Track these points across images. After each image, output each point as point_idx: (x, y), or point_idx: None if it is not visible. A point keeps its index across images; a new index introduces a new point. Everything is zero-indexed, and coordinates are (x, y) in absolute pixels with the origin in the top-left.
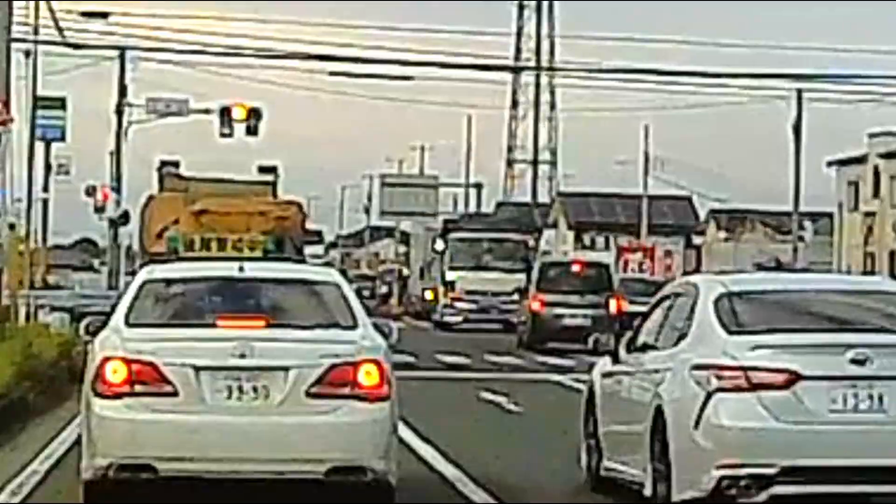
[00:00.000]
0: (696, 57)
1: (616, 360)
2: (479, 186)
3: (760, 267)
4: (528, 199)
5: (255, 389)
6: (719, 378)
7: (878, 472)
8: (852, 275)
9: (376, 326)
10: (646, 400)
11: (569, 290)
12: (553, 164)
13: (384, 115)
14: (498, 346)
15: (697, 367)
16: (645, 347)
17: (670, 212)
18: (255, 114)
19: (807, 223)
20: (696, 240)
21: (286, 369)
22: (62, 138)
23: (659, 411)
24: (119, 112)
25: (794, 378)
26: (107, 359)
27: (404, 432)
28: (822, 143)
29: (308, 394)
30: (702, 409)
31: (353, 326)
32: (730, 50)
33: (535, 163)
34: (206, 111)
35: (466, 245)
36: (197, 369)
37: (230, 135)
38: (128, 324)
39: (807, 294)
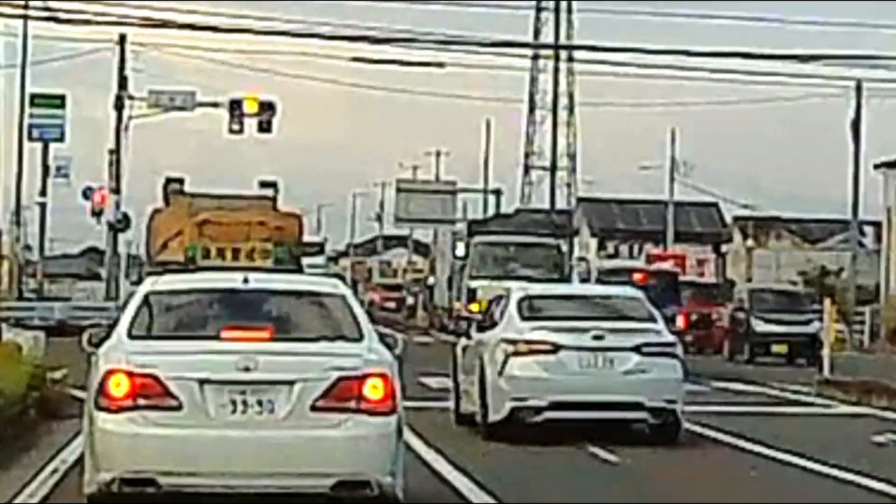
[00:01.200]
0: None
1: (469, 337)
2: (498, 193)
3: (801, 273)
4: (546, 206)
5: (259, 403)
6: (514, 346)
7: (606, 405)
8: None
9: (381, 338)
10: (476, 362)
11: None
12: (572, 170)
13: (397, 120)
14: None
15: (503, 340)
16: (482, 329)
17: (696, 218)
18: (268, 108)
19: (867, 229)
20: (724, 247)
21: (291, 383)
22: (61, 138)
23: (482, 368)
24: (119, 106)
25: (557, 347)
26: (110, 372)
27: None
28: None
29: (313, 407)
30: (503, 365)
31: (359, 339)
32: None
33: (552, 169)
34: (215, 105)
35: (491, 249)
36: (201, 383)
37: (240, 131)
38: (131, 336)
39: (570, 296)
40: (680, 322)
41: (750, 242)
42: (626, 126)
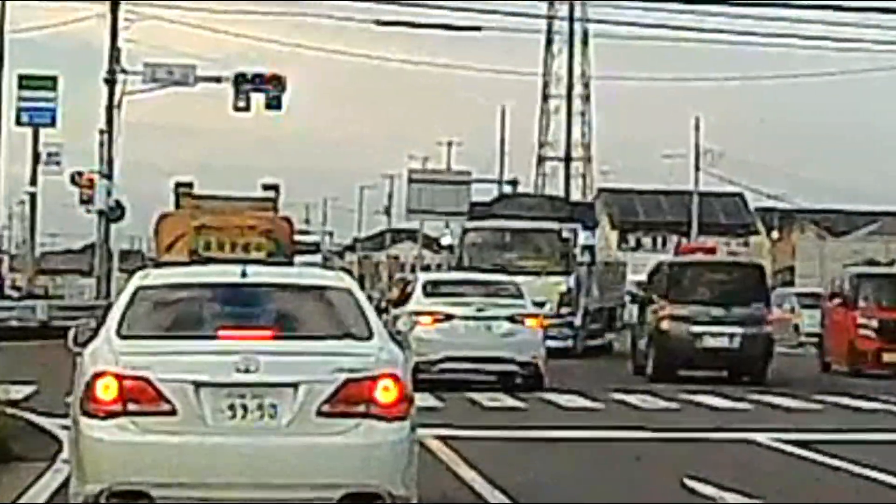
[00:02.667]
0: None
1: (388, 313)
2: (514, 183)
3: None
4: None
5: (260, 408)
6: (418, 317)
7: (486, 359)
8: None
9: (391, 336)
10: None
11: (710, 300)
12: (587, 160)
13: (406, 111)
14: (595, 376)
15: (411, 312)
16: (398, 305)
17: (721, 209)
18: (277, 82)
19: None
20: (752, 239)
21: (295, 385)
22: (52, 123)
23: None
24: (111, 81)
25: (450, 317)
26: (97, 375)
27: None
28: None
29: (319, 412)
30: (410, 330)
31: (369, 337)
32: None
33: (567, 159)
34: (218, 80)
35: (483, 238)
36: (197, 386)
37: (247, 108)
38: (120, 335)
39: (461, 281)
40: (768, 323)
41: (775, 234)
42: (648, 113)
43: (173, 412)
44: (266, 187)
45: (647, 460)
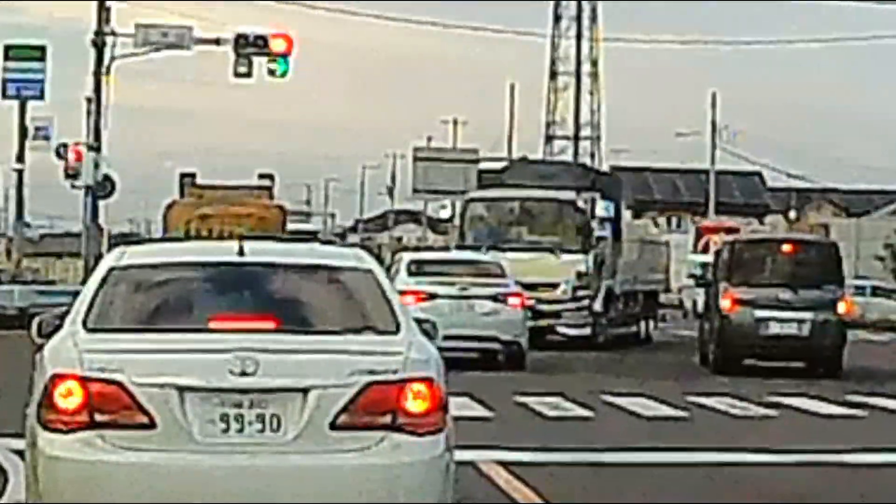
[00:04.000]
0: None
1: None
2: (524, 160)
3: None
4: None
5: (261, 419)
6: (402, 295)
7: (470, 337)
8: None
9: (421, 328)
10: None
11: (777, 282)
12: (596, 139)
13: (409, 89)
14: (645, 368)
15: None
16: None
17: (739, 189)
18: (282, 43)
19: None
20: (768, 219)
21: (304, 391)
22: (41, 96)
23: None
24: (98, 43)
25: (433, 296)
26: (58, 377)
27: None
28: None
29: (334, 425)
30: None
31: (395, 330)
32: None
33: (576, 138)
34: (217, 41)
35: (487, 211)
36: (181, 391)
37: (248, 74)
38: (87, 327)
39: (445, 261)
40: (842, 308)
41: (792, 214)
42: (662, 90)
43: (152, 425)
44: (262, 176)
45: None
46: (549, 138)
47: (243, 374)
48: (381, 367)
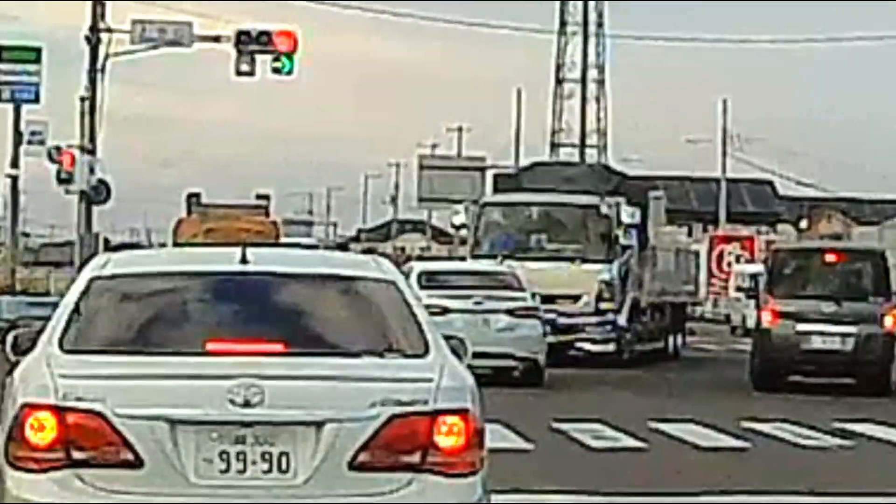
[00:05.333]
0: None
1: None
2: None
3: None
4: None
5: (267, 458)
6: None
7: (484, 355)
8: None
9: (452, 349)
10: None
11: (821, 293)
12: (603, 147)
13: (412, 97)
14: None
15: None
16: None
17: (749, 197)
18: (287, 41)
19: None
20: (778, 228)
21: (318, 424)
22: (36, 99)
23: None
24: (93, 40)
25: (446, 310)
26: (29, 407)
27: None
28: None
29: (353, 465)
30: None
31: (423, 352)
32: None
33: (581, 146)
34: (217, 38)
35: (503, 217)
36: (173, 424)
37: (251, 73)
38: (64, 348)
39: (458, 271)
40: (889, 322)
41: (803, 223)
42: (671, 98)
43: (139, 463)
44: (259, 196)
45: None
46: (555, 146)
47: (246, 404)
48: (409, 397)
